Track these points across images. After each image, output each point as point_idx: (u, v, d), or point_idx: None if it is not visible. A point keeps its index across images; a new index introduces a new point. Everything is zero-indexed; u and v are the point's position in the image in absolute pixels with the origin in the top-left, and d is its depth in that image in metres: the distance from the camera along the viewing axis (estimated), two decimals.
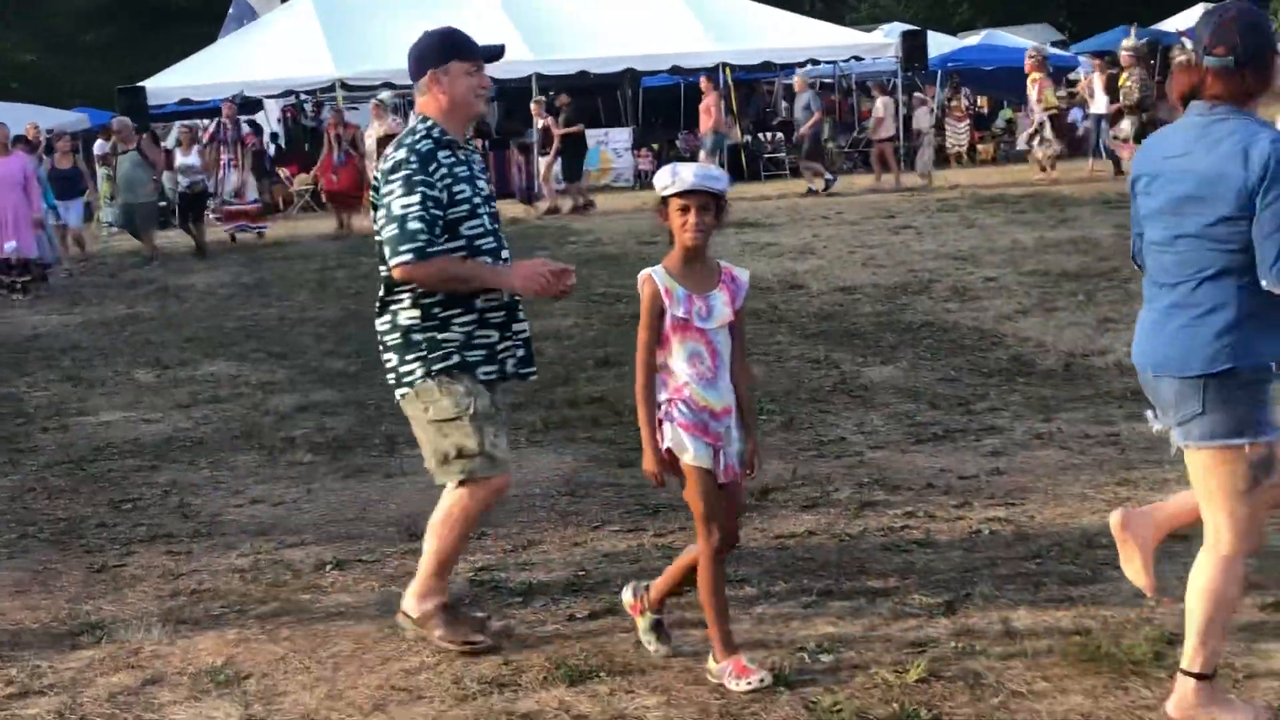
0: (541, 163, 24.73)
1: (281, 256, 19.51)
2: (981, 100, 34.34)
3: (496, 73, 28.32)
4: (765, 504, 6.74)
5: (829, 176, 24.03)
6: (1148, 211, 4.24)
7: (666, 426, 4.63)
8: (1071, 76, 33.19)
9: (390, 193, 5.01)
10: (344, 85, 25.63)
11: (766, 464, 7.42)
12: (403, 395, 5.19)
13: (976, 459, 7.33)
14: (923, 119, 25.99)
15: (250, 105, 29.84)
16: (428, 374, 5.09)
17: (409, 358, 5.12)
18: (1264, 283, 3.97)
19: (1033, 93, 23.18)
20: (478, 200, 5.14)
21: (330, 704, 4.78)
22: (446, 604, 5.25)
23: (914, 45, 27.48)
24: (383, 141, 22.33)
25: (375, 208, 5.11)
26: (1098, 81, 24.12)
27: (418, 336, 5.10)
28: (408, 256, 4.94)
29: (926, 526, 6.28)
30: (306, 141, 29.98)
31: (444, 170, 5.06)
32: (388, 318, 5.18)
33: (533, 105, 25.18)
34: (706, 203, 4.58)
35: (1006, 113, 32.75)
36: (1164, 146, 4.23)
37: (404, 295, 5.10)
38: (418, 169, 5.01)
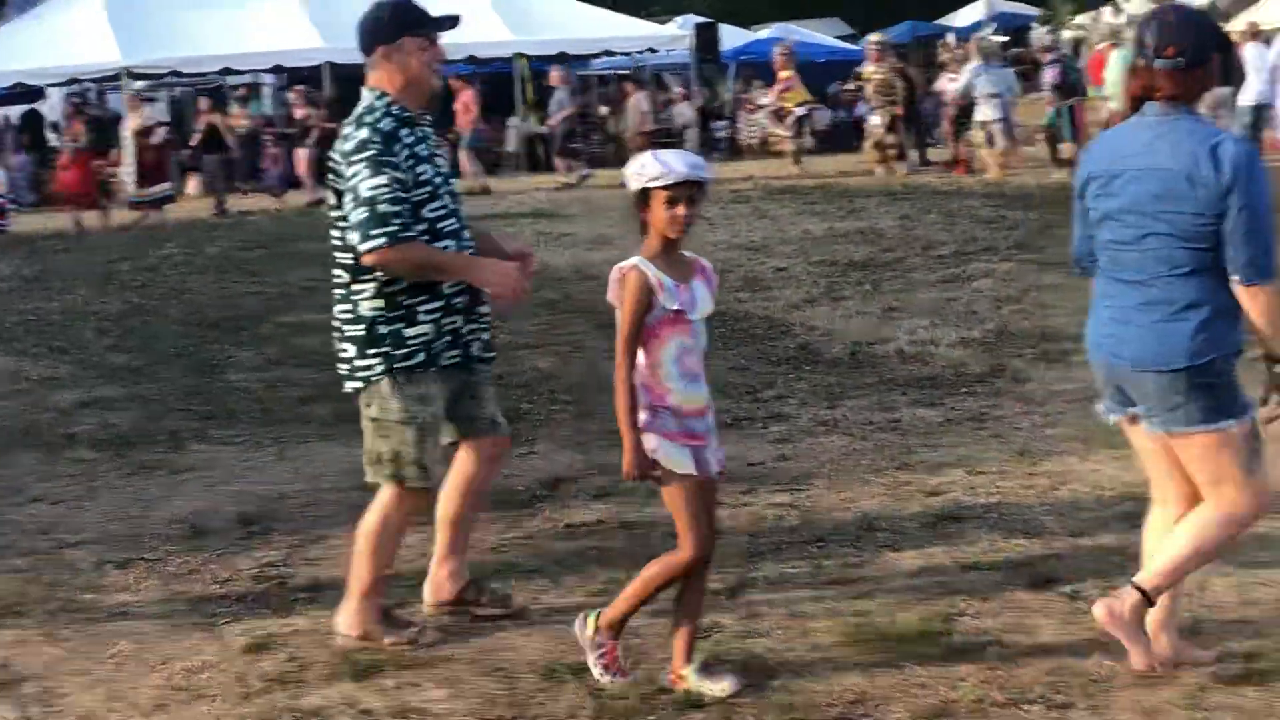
0: (301, 155, 23.95)
1: (64, 249, 18.94)
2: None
3: (287, 63, 27.27)
4: (556, 494, 6.79)
5: (584, 171, 24.07)
6: (1107, 210, 4.35)
7: (652, 438, 4.41)
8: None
9: (356, 174, 4.78)
10: (130, 74, 24.95)
11: (559, 454, 7.50)
12: (355, 389, 5.00)
13: (763, 446, 7.47)
14: (685, 114, 26.14)
15: (32, 94, 28.87)
16: (387, 371, 4.89)
17: (370, 352, 4.90)
18: (1234, 280, 4.16)
19: (772, 93, 23.47)
20: (439, 180, 4.98)
21: (110, 705, 4.69)
22: (385, 610, 5.15)
23: (707, 38, 27.83)
24: (140, 134, 21.76)
25: (337, 193, 4.88)
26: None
27: (382, 330, 4.89)
28: (381, 240, 4.72)
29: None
30: (94, 132, 29.10)
31: (407, 150, 4.88)
32: (348, 307, 4.95)
33: (291, 95, 24.65)
34: (695, 193, 4.41)
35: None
36: (1119, 146, 4.38)
37: (367, 284, 4.88)
38: (382, 149, 4.81)
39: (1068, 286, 11.34)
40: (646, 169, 4.37)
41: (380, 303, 4.87)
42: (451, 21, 5.10)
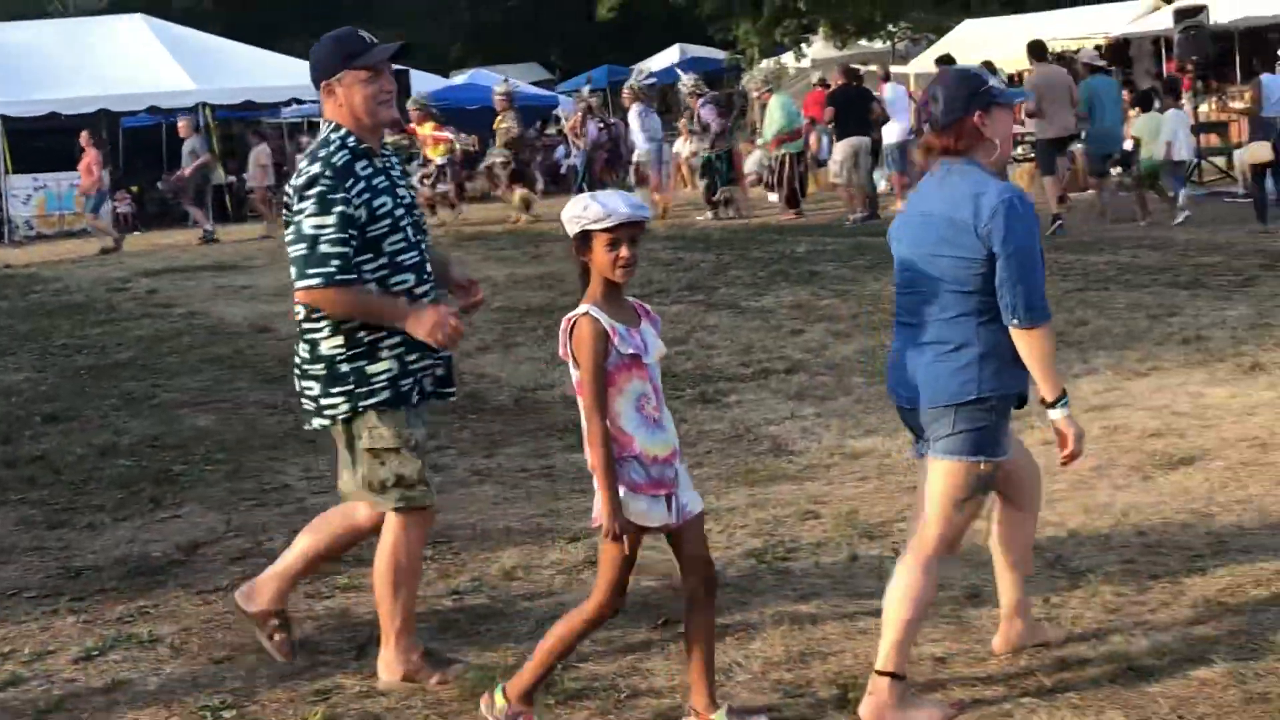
0: None
1: None
2: (472, 139, 34.89)
3: None
4: (194, 559, 6.62)
5: (208, 228, 23.77)
6: (898, 257, 4.62)
7: (621, 492, 4.22)
8: (558, 114, 34.15)
9: (303, 210, 4.68)
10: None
11: (204, 518, 7.32)
12: (324, 425, 4.89)
13: None
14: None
15: None
16: (353, 410, 4.78)
17: (334, 390, 4.80)
18: (1009, 325, 4.36)
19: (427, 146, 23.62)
20: (400, 212, 4.85)
21: None
22: (425, 650, 5.02)
23: (399, 84, 27.59)
24: None
25: (287, 225, 4.77)
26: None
27: (344, 368, 4.78)
28: (315, 281, 4.64)
29: (352, 571, 6.30)
30: None
31: (361, 184, 4.75)
32: (307, 345, 4.85)
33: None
34: (637, 234, 4.27)
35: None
36: (910, 207, 4.67)
37: (324, 322, 4.77)
38: (333, 185, 4.68)
39: (731, 327, 11.69)
40: (588, 211, 4.22)
41: (340, 340, 4.78)
42: (396, 51, 4.94)
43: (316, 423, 4.93)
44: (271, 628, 5.27)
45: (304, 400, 4.94)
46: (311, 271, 4.65)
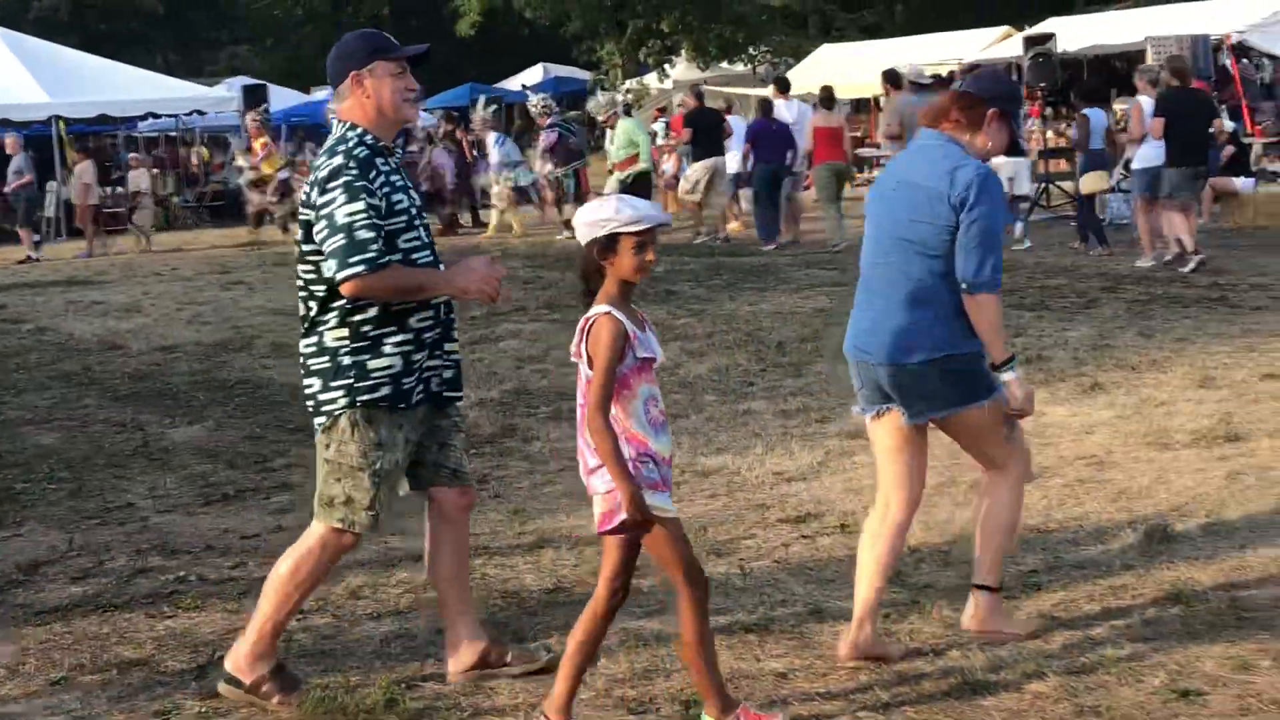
0: None
1: None
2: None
3: None
4: (34, 579, 6.48)
5: (32, 254, 23.28)
6: (870, 221, 5.06)
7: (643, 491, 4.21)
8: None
9: (331, 201, 4.59)
10: None
11: (45, 536, 7.17)
12: (321, 424, 4.77)
13: (263, 517, 7.35)
14: (141, 180, 25.53)
15: None
16: (351, 404, 4.68)
17: (334, 384, 4.70)
18: (962, 285, 4.78)
19: (253, 160, 23.47)
20: (414, 210, 4.81)
21: None
22: (279, 665, 4.87)
23: (256, 99, 27.35)
24: None
25: (306, 225, 4.69)
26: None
27: (346, 361, 4.69)
28: (360, 268, 4.53)
29: (198, 590, 6.22)
30: None
31: (382, 179, 4.70)
32: (313, 339, 4.76)
33: None
34: (657, 237, 4.30)
35: None
36: (884, 173, 5.22)
37: (331, 314, 4.69)
38: (359, 175, 4.62)
39: None
40: (620, 214, 4.23)
41: (344, 333, 4.69)
42: (423, 53, 4.94)
43: (316, 422, 4.83)
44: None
45: (306, 401, 4.86)
46: (354, 260, 4.56)
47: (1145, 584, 5.53)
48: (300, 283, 4.79)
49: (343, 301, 4.66)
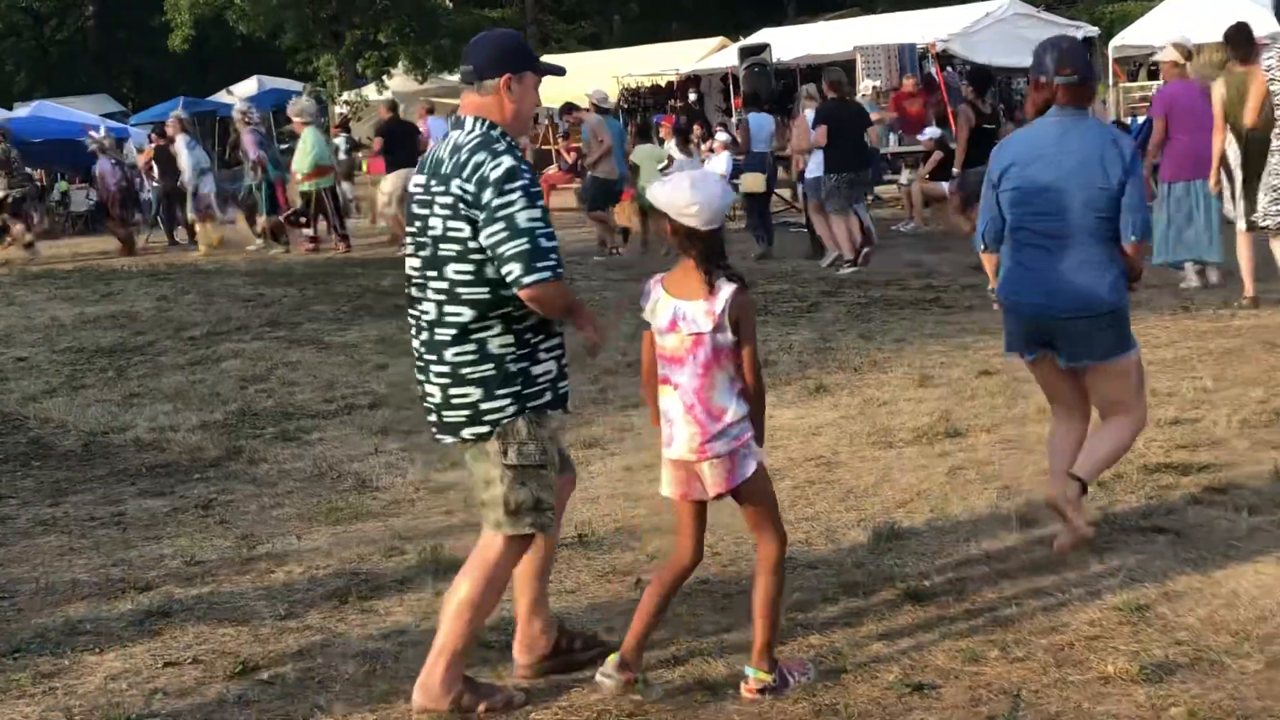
0: None
1: None
2: (39, 173, 33.22)
3: None
4: None
5: None
6: (1030, 189, 5.63)
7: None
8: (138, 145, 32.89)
9: (511, 204, 4.43)
10: None
11: None
12: (479, 435, 4.59)
13: None
14: None
15: None
16: (520, 412, 4.57)
17: (501, 392, 4.56)
18: (1124, 242, 5.56)
19: None
20: None
21: None
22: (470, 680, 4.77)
23: None
24: None
25: (471, 222, 4.50)
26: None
27: (513, 368, 4.58)
28: (545, 275, 4.43)
29: None
30: None
31: (538, 183, 4.62)
32: (470, 347, 4.55)
33: None
34: None
35: (62, 185, 31.86)
36: (1032, 143, 5.70)
37: (495, 320, 4.55)
38: (532, 180, 4.52)
39: (314, 363, 11.47)
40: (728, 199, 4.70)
41: (510, 339, 4.58)
42: (560, 71, 5.04)
43: (469, 433, 4.64)
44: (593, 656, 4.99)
45: (451, 412, 4.65)
46: (540, 265, 4.44)
47: (876, 581, 5.65)
48: (443, 285, 4.58)
49: (508, 308, 4.55)
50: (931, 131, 19.70)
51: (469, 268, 4.53)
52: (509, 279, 4.46)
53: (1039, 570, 5.62)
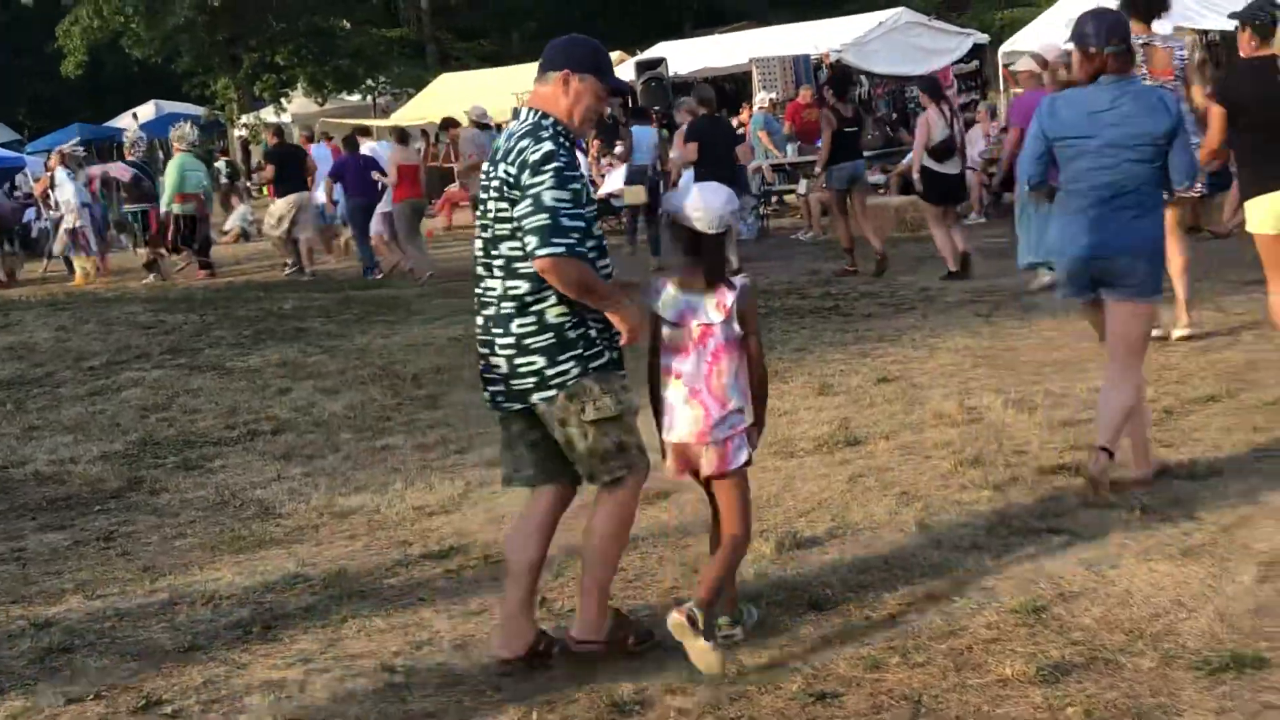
0: None
1: None
2: None
3: None
4: None
5: None
6: (1088, 148, 6.35)
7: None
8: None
9: (541, 183, 4.77)
10: None
11: None
12: (549, 398, 4.93)
13: None
14: None
15: None
16: (584, 373, 4.91)
17: (563, 357, 4.90)
18: (1176, 186, 6.49)
19: None
20: (595, 213, 5.05)
21: None
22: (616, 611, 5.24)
23: None
24: None
25: (513, 203, 4.83)
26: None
27: (572, 334, 4.92)
28: (559, 249, 4.75)
29: None
30: None
31: (578, 170, 4.92)
32: (530, 319, 4.90)
33: None
34: None
35: None
36: (1085, 107, 6.40)
37: (550, 292, 4.86)
38: (568, 163, 4.84)
39: (216, 389, 11.37)
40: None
41: (564, 308, 4.89)
42: (625, 89, 5.11)
43: (538, 398, 4.96)
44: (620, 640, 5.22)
45: (519, 380, 4.97)
46: (556, 240, 4.75)
47: (778, 590, 5.70)
48: (500, 262, 4.93)
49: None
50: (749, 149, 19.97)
51: (519, 244, 4.88)
52: (526, 249, 4.82)
53: (937, 575, 5.69)
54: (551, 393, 4.93)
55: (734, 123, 24.32)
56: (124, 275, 21.67)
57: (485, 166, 5.07)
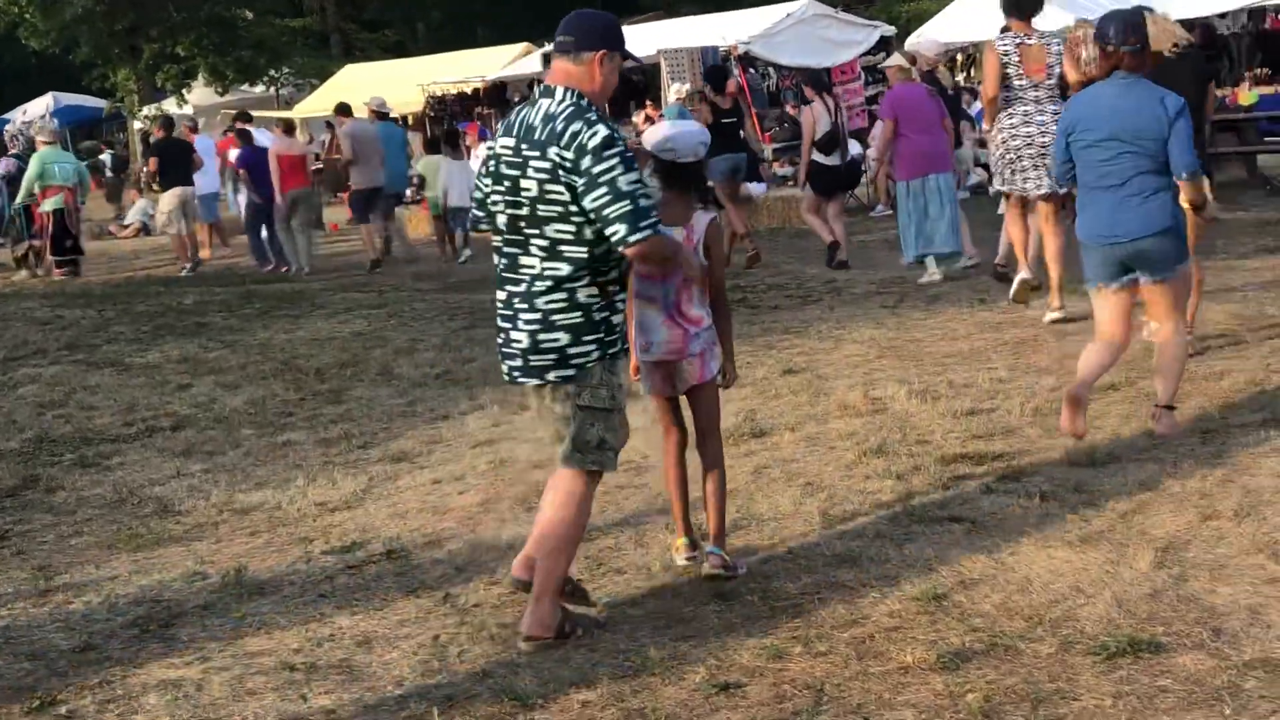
0: None
1: None
2: None
3: None
4: None
5: None
6: (1092, 140, 6.90)
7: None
8: None
9: (612, 168, 4.84)
10: None
11: None
12: (564, 377, 5.06)
13: None
14: None
15: None
16: (601, 357, 5.06)
17: (587, 338, 5.04)
18: (1175, 176, 6.82)
19: None
20: None
21: None
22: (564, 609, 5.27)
23: None
24: None
25: (570, 189, 4.91)
26: None
27: (597, 317, 5.05)
28: (648, 232, 4.90)
29: None
30: None
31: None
32: (562, 295, 5.01)
33: None
34: None
35: None
36: (1098, 102, 6.93)
37: (584, 274, 5.00)
38: (625, 146, 4.91)
39: (115, 386, 11.19)
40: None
41: (595, 291, 5.03)
42: (635, 58, 5.52)
43: (554, 375, 5.08)
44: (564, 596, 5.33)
45: (538, 356, 5.07)
46: (644, 224, 4.89)
47: (682, 582, 5.69)
48: (544, 243, 5.01)
49: (597, 263, 5.00)
50: None
51: (570, 228, 4.98)
52: (614, 238, 4.91)
53: (841, 564, 5.71)
54: (570, 371, 5.08)
55: (641, 116, 24.39)
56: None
57: (510, 143, 5.08)
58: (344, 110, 19.58)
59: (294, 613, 5.79)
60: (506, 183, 5.07)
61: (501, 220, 5.13)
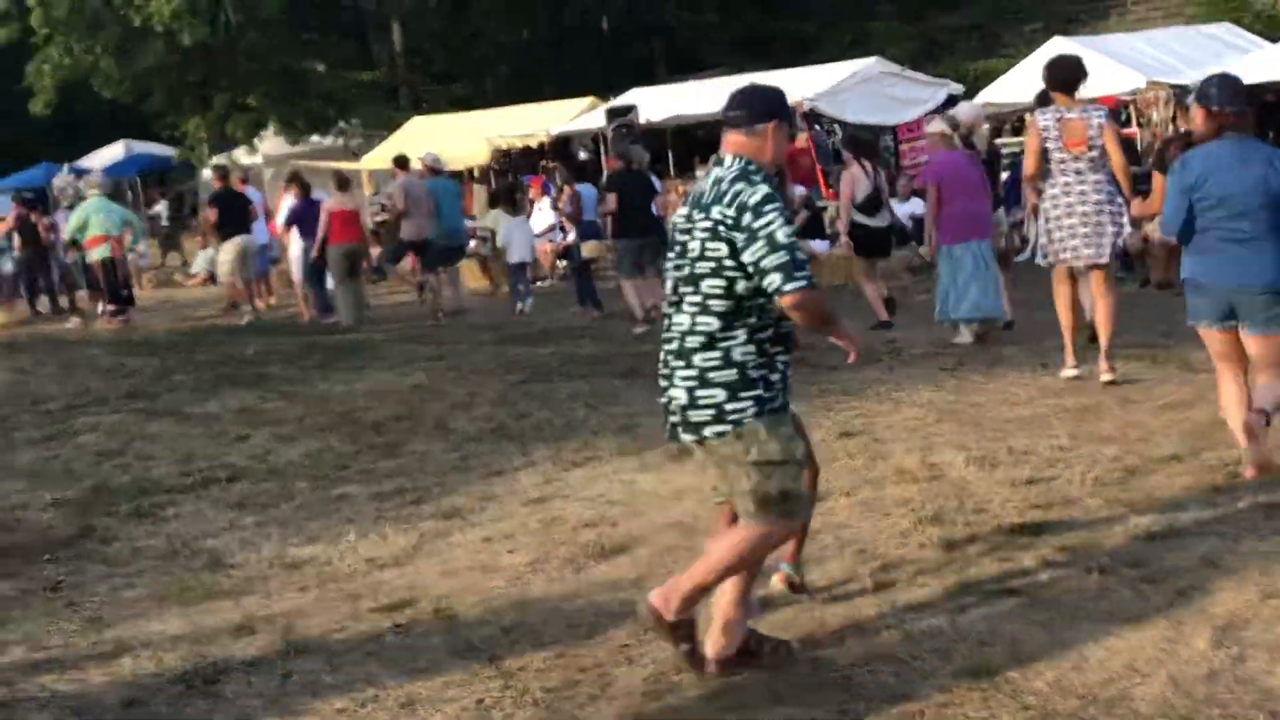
0: None
1: None
2: None
3: None
4: None
5: None
6: (1220, 195, 7.28)
7: None
8: None
9: (770, 223, 5.06)
10: None
11: None
12: (720, 434, 5.17)
13: None
14: None
15: None
16: (759, 414, 5.14)
17: (743, 395, 5.15)
18: None
19: None
20: None
21: None
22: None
23: None
24: None
25: (730, 245, 5.10)
26: None
27: (754, 374, 5.17)
28: (803, 283, 5.04)
29: None
30: None
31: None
32: (717, 354, 5.16)
33: None
34: None
35: None
36: (1218, 161, 7.32)
37: (739, 330, 5.16)
38: (781, 204, 5.17)
39: (173, 435, 11.25)
40: None
41: (752, 348, 5.17)
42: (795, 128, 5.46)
43: (711, 431, 5.19)
44: (679, 637, 5.40)
45: (696, 412, 5.21)
46: (800, 275, 5.05)
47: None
48: (697, 298, 5.21)
49: (751, 319, 5.17)
50: (798, 190, 19.93)
51: (721, 283, 5.15)
52: (770, 289, 5.06)
53: (891, 636, 5.63)
54: (726, 428, 5.18)
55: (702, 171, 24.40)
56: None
57: (684, 210, 5.37)
58: (401, 163, 19.66)
59: (340, 672, 5.76)
60: (678, 247, 5.35)
61: (669, 284, 5.39)
